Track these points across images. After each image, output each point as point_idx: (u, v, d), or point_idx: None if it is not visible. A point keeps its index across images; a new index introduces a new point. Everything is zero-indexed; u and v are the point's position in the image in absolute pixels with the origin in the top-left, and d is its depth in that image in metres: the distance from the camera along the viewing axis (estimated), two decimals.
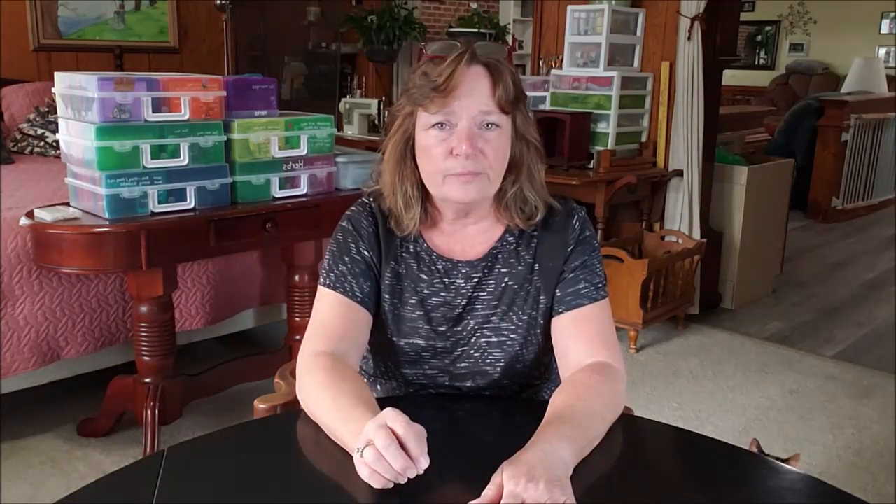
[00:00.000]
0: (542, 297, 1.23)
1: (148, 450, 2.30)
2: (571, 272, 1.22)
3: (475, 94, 1.15)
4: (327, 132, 2.51)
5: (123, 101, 2.08)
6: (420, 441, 0.90)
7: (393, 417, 0.91)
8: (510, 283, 1.23)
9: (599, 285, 1.22)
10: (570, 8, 3.66)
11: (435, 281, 1.24)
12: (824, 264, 4.98)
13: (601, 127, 3.57)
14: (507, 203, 1.23)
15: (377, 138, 4.16)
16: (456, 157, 1.14)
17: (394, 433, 0.90)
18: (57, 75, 2.23)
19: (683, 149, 3.57)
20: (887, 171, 6.62)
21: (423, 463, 0.89)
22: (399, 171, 1.22)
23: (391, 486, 0.90)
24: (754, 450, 2.14)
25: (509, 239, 1.25)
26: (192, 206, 2.24)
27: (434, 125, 1.16)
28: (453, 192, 1.17)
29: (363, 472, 0.91)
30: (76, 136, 2.16)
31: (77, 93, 2.13)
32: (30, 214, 2.19)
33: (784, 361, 3.37)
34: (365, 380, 1.30)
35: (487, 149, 1.15)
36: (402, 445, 0.89)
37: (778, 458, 1.95)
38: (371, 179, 1.30)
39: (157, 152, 2.15)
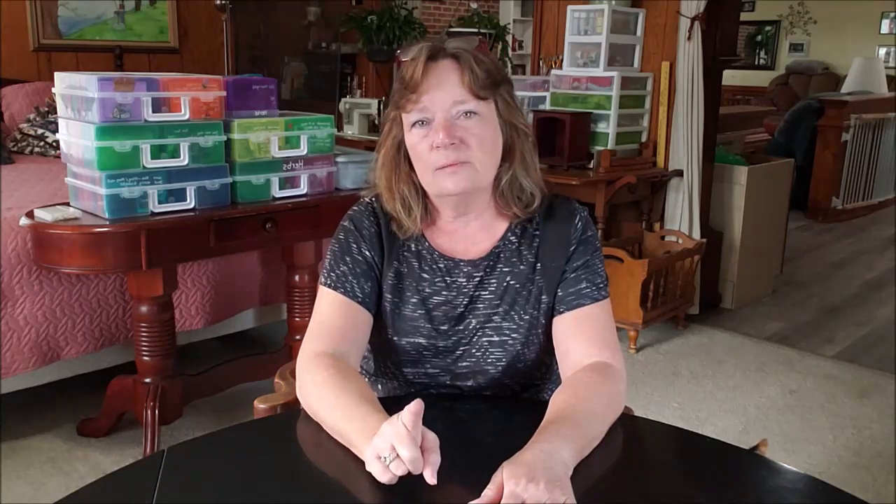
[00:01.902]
0: (543, 297, 1.23)
1: (148, 450, 2.30)
2: (573, 272, 1.22)
3: (444, 86, 1.15)
4: (327, 132, 2.51)
5: (123, 101, 2.08)
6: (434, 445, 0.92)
7: (412, 422, 0.91)
8: (512, 282, 1.23)
9: (601, 285, 1.22)
10: (570, 8, 3.66)
11: (437, 280, 1.24)
12: (824, 264, 4.98)
13: (601, 127, 3.57)
14: (502, 191, 1.23)
15: (377, 138, 4.15)
16: (438, 150, 1.15)
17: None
18: (57, 75, 2.23)
19: (683, 149, 3.57)
20: (887, 171, 6.62)
21: (435, 458, 0.91)
22: (394, 175, 1.23)
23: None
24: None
25: (511, 238, 1.25)
26: (192, 206, 2.24)
27: (414, 123, 1.17)
28: (444, 185, 1.17)
29: (384, 478, 0.91)
30: (76, 136, 2.16)
31: (77, 93, 2.13)
32: (30, 214, 2.19)
33: (784, 361, 3.37)
34: (365, 379, 1.30)
35: (468, 137, 1.15)
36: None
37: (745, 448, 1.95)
38: (366, 186, 1.30)
39: (157, 152, 2.15)
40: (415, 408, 0.90)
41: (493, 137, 1.19)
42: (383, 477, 0.91)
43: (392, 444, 0.90)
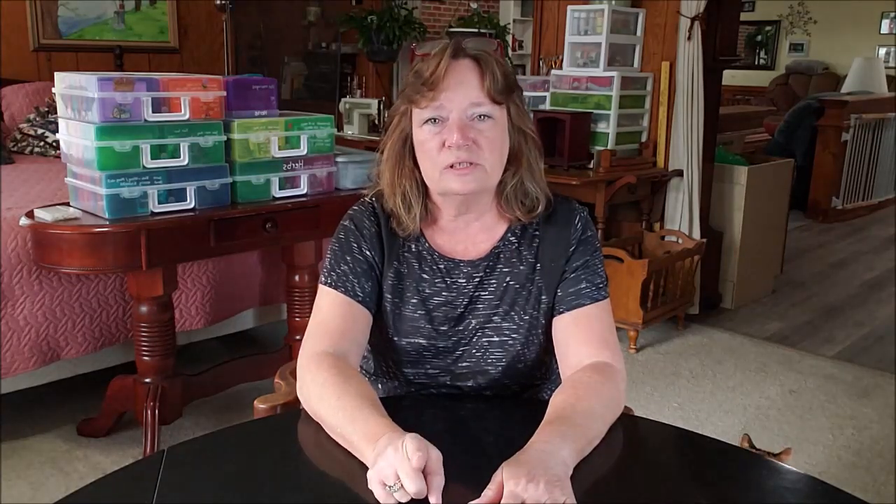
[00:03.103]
0: (543, 297, 1.23)
1: (148, 450, 2.30)
2: (573, 272, 1.22)
3: (463, 86, 1.15)
4: (327, 132, 2.51)
5: (123, 101, 2.08)
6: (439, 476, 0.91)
7: (419, 457, 0.89)
8: (512, 282, 1.23)
9: (601, 285, 1.22)
10: (570, 8, 3.66)
11: (437, 280, 1.24)
12: (824, 264, 4.98)
13: (601, 127, 3.57)
14: (507, 196, 1.23)
15: (377, 138, 4.16)
16: (449, 149, 1.15)
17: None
18: (57, 75, 2.23)
19: (683, 149, 3.57)
20: (887, 171, 6.62)
21: (439, 480, 0.90)
22: (398, 170, 1.23)
23: None
24: (745, 445, 2.15)
25: (511, 238, 1.25)
26: (192, 206, 2.24)
27: (427, 120, 1.17)
28: (452, 184, 1.17)
29: (386, 501, 0.90)
30: (76, 136, 2.16)
31: (77, 93, 2.13)
32: (30, 214, 2.19)
33: (784, 361, 3.37)
34: (366, 379, 1.30)
35: (481, 139, 1.15)
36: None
37: (769, 453, 1.96)
38: (370, 180, 1.30)
39: (157, 152, 2.15)
40: (420, 462, 0.88)
41: (502, 141, 1.20)
42: (386, 501, 0.90)
43: (397, 474, 0.89)
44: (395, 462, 0.89)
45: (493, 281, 1.24)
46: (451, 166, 1.15)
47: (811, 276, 4.68)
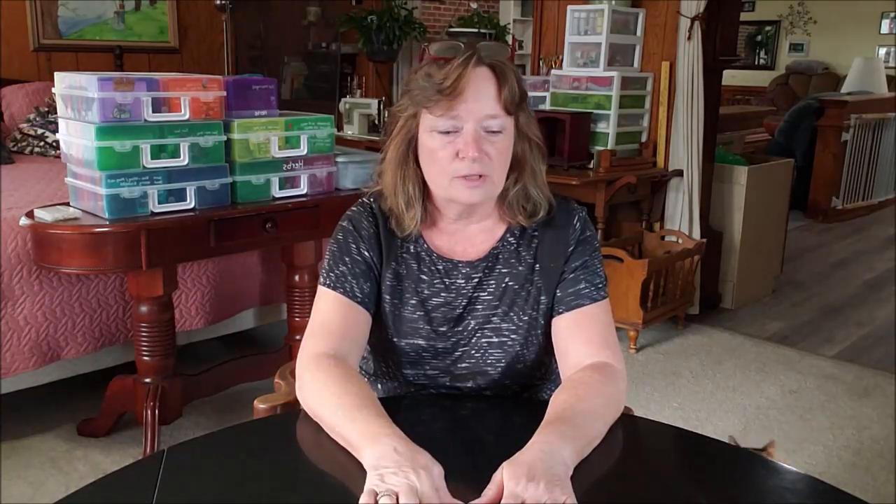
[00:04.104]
0: (542, 298, 1.23)
1: (148, 450, 2.30)
2: (572, 272, 1.22)
3: (481, 98, 1.15)
4: (327, 132, 2.51)
5: (123, 101, 2.08)
6: None
7: (429, 492, 0.87)
8: (510, 283, 1.23)
9: (600, 285, 1.22)
10: (570, 8, 3.66)
11: (435, 281, 1.24)
12: (824, 264, 4.98)
13: (601, 127, 3.57)
14: (509, 202, 1.23)
15: (377, 138, 4.17)
16: (462, 160, 1.14)
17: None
18: (57, 75, 2.23)
19: (683, 149, 3.57)
20: (887, 171, 6.62)
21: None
22: (401, 171, 1.22)
23: None
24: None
25: (510, 239, 1.25)
26: (192, 206, 2.24)
27: (439, 128, 1.16)
28: (460, 195, 1.17)
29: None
30: (76, 136, 2.16)
31: (77, 93, 2.13)
32: (30, 214, 2.19)
33: (784, 361, 3.37)
34: (365, 380, 1.30)
35: (492, 151, 1.16)
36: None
37: (755, 449, 1.96)
38: (372, 180, 1.30)
39: (157, 152, 2.15)
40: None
41: (509, 151, 1.20)
42: None
43: (393, 490, 0.87)
44: (399, 489, 0.87)
45: (492, 281, 1.24)
46: (463, 177, 1.15)
47: (811, 276, 4.68)
